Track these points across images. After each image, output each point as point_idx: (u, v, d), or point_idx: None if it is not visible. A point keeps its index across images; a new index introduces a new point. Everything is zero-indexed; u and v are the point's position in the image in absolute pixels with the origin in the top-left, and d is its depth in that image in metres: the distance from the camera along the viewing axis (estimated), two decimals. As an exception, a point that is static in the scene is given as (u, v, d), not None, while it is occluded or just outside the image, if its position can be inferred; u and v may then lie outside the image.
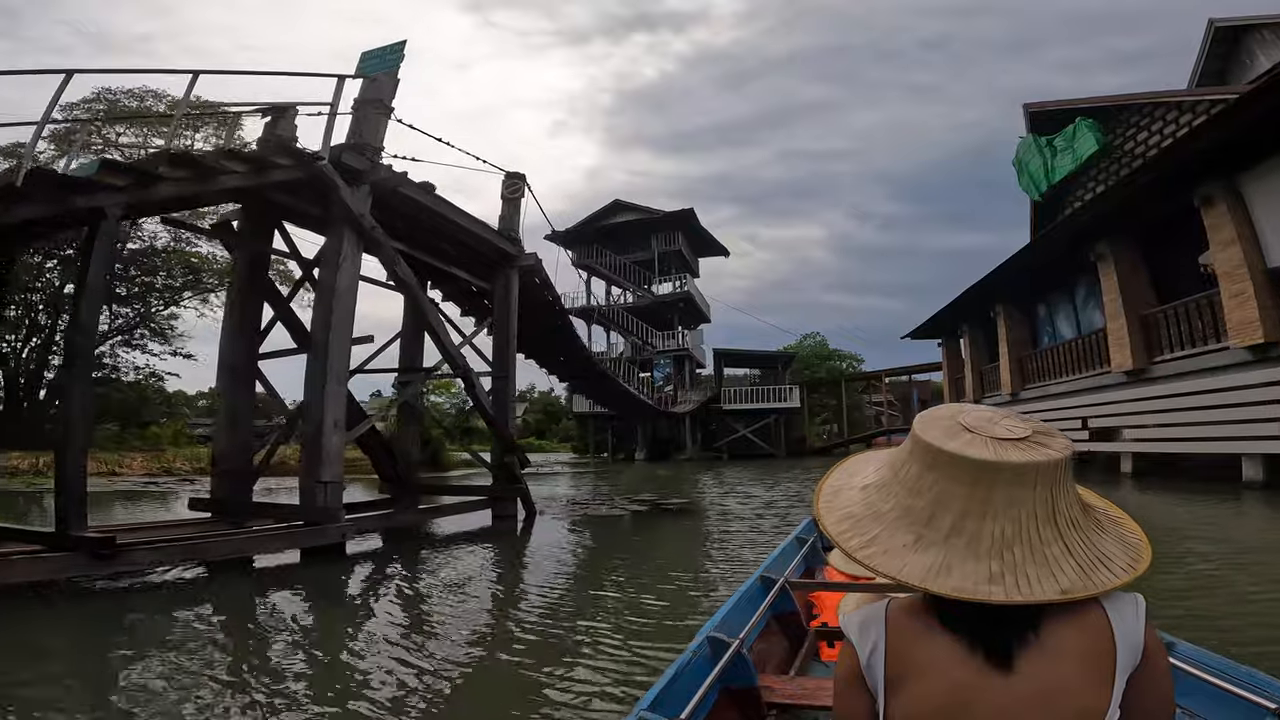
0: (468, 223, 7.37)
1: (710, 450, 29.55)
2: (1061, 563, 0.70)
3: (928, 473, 0.75)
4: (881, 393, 37.26)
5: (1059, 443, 0.74)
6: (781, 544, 2.91)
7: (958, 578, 0.70)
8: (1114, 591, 0.70)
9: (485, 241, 7.87)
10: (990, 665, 0.67)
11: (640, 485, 14.36)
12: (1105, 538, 0.75)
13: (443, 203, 6.79)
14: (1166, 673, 0.71)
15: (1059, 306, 14.27)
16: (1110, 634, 0.67)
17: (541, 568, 5.25)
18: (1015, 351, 15.01)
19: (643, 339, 31.59)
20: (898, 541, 0.75)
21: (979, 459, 0.71)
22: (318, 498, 4.98)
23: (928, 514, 0.74)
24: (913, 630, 0.73)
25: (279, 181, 5.31)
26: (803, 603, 2.36)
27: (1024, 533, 0.71)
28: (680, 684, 1.39)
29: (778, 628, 2.17)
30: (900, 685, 0.71)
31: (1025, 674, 0.66)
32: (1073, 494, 0.74)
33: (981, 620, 0.69)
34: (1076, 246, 11.99)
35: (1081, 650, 0.67)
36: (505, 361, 8.33)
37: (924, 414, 0.81)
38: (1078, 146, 15.93)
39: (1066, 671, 0.66)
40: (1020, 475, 0.70)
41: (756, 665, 1.66)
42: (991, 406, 0.82)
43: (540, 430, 60.73)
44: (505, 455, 8.10)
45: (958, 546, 0.72)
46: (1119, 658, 0.66)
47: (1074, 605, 0.69)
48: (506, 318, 8.38)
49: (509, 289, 8.43)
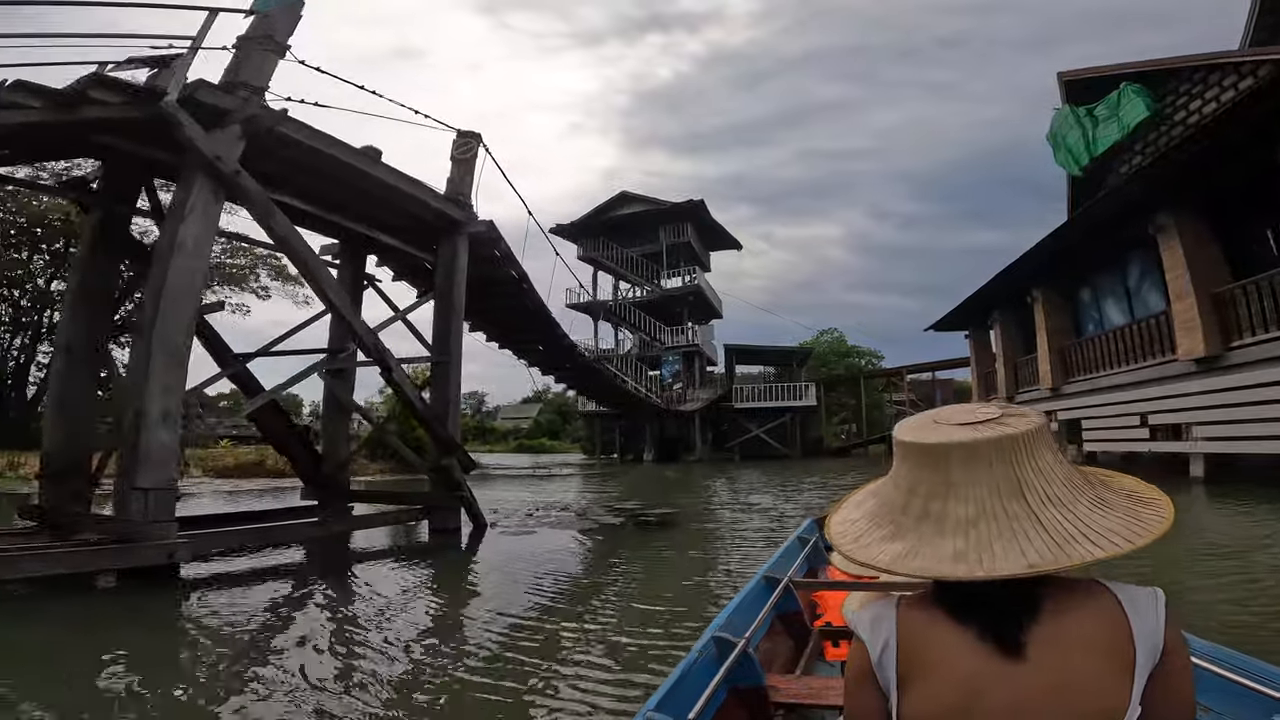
0: (386, 175, 6.11)
1: (721, 451, 28.09)
2: (1032, 538, 0.69)
3: (900, 466, 0.79)
4: (903, 391, 35.48)
5: (1022, 421, 0.75)
6: (784, 544, 2.85)
7: (923, 559, 0.72)
8: (1132, 587, 0.70)
9: (417, 201, 6.61)
10: (1001, 654, 0.67)
11: (635, 490, 13.03)
12: (1105, 514, 0.72)
13: (340, 145, 5.53)
14: (1188, 671, 0.70)
15: (1107, 289, 12.64)
16: (1127, 629, 0.66)
17: (459, 608, 4.01)
18: (1055, 341, 13.38)
19: (651, 335, 30.25)
20: (877, 534, 0.79)
21: (931, 442, 0.75)
22: (135, 507, 3.75)
23: (902, 504, 0.78)
24: (922, 626, 0.72)
25: (100, 120, 4.17)
26: (806, 602, 2.31)
27: (988, 510, 0.71)
28: (687, 684, 1.39)
29: (782, 627, 2.14)
30: (912, 682, 0.71)
31: (1038, 665, 0.66)
32: (1051, 470, 0.74)
33: (984, 606, 0.69)
34: (1129, 220, 10.44)
35: (1097, 644, 0.66)
36: (448, 343, 7.06)
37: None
38: (1124, 114, 14.28)
39: (1082, 666, 0.65)
40: (973, 453, 0.72)
41: (763, 665, 1.65)
42: (1001, 404, 0.81)
43: (554, 431, 59.81)
44: (443, 457, 6.82)
45: (926, 530, 0.74)
46: (1138, 654, 0.65)
47: (1082, 594, 0.69)
48: (450, 291, 7.12)
49: (454, 258, 7.17)
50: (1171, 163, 9.09)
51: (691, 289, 29.76)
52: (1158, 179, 9.36)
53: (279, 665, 2.78)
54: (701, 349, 30.01)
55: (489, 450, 53.42)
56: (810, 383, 28.33)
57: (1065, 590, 0.70)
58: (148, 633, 3.32)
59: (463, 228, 7.22)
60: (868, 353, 36.55)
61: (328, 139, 5.44)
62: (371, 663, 2.81)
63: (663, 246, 30.29)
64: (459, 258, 7.19)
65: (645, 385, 29.62)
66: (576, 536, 6.61)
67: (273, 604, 3.93)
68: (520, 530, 7.05)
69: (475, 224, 7.36)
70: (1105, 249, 12.01)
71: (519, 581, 4.53)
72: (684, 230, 30.32)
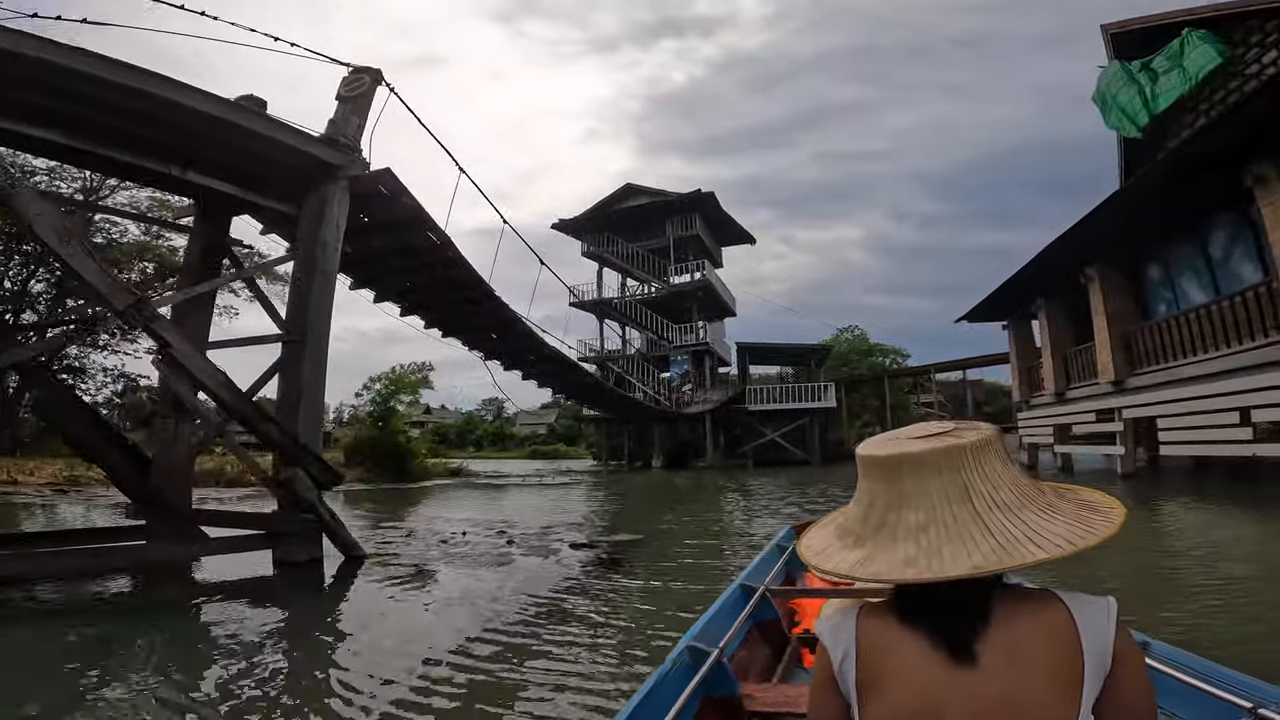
0: (211, 107, 4.57)
1: (734, 457, 26.21)
2: (979, 541, 0.71)
3: (861, 481, 0.82)
4: (931, 393, 33.23)
5: (973, 432, 0.77)
6: (762, 552, 2.81)
7: (878, 564, 0.74)
8: (1084, 596, 0.71)
9: (270, 142, 5.09)
10: (954, 663, 0.68)
11: (619, 506, 11.35)
12: (1053, 519, 0.74)
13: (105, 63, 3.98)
14: (1142, 676, 0.71)
15: (1183, 261, 10.64)
16: (1075, 638, 0.68)
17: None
18: (1118, 327, 11.36)
19: (658, 333, 28.54)
20: (839, 544, 0.81)
21: (884, 454, 0.78)
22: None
23: (862, 516, 0.80)
24: (881, 633, 0.74)
25: None
26: (784, 610, 2.29)
27: (938, 517, 0.73)
28: (660, 694, 1.38)
29: (759, 636, 2.13)
30: (871, 690, 0.72)
31: (990, 673, 0.67)
32: (999, 478, 0.75)
33: (936, 612, 0.72)
34: (1209, 174, 8.53)
35: (1046, 653, 0.67)
36: (305, 317, 5.43)
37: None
38: (1189, 63, 12.29)
39: (1032, 675, 0.67)
40: (921, 463, 0.75)
41: (738, 674, 1.65)
42: (960, 421, 0.85)
43: (570, 437, 58.29)
44: (284, 468, 5.18)
45: (882, 538, 0.76)
46: (1086, 663, 0.67)
47: (1033, 603, 0.71)
48: (313, 252, 5.53)
49: (321, 210, 5.59)
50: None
51: (700, 284, 27.97)
52: (1256, 117, 7.44)
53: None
54: (712, 348, 28.18)
55: (504, 456, 52.43)
56: (830, 383, 26.29)
57: (1017, 599, 0.72)
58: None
59: (337, 174, 5.64)
60: (892, 351, 34.41)
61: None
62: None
63: (670, 240, 28.59)
64: (329, 209, 5.62)
65: (654, 387, 27.93)
66: (480, 581, 4.89)
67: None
68: (415, 566, 5.37)
69: (355, 166, 5.76)
70: (1180, 215, 10.05)
71: (351, 663, 2.87)
72: (692, 222, 28.58)
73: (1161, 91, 12.79)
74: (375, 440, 17.57)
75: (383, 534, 7.24)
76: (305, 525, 5.06)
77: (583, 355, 29.14)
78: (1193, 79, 12.11)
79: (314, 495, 5.10)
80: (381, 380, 18.70)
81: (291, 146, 5.42)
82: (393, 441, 17.51)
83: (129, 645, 3.36)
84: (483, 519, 9.01)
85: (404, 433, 18.53)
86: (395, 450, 17.35)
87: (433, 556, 5.82)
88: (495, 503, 11.93)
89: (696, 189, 27.93)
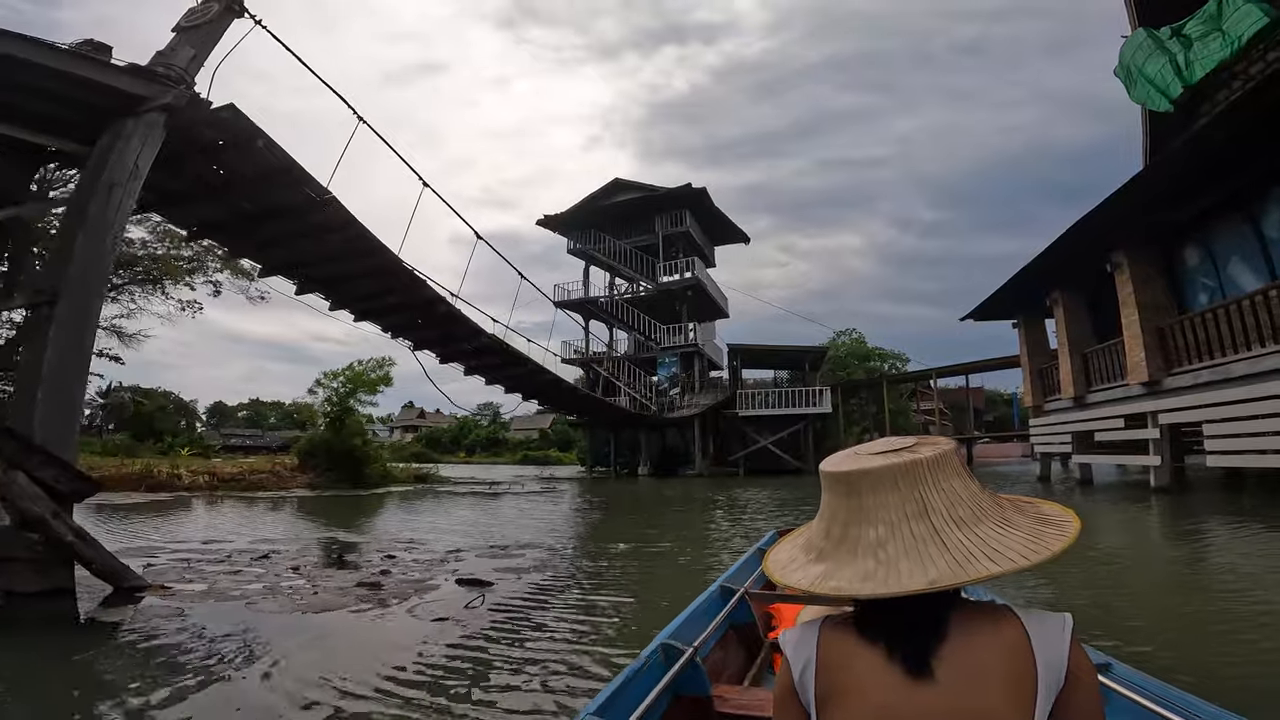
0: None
1: (724, 465, 24.76)
2: (935, 557, 0.71)
3: (825, 496, 0.82)
4: (932, 399, 31.81)
5: (930, 447, 0.77)
6: (743, 555, 2.81)
7: (837, 579, 0.74)
8: (1040, 612, 0.72)
9: (32, 67, 3.77)
10: (910, 677, 0.68)
11: (583, 522, 9.89)
12: (1009, 533, 0.74)
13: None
14: (1093, 693, 0.71)
15: (1230, 243, 9.28)
16: (1029, 653, 0.68)
17: None
18: (1151, 320, 9.98)
19: (646, 334, 27.12)
20: (803, 559, 0.81)
21: (843, 470, 0.78)
22: None
23: (825, 530, 0.80)
24: (841, 647, 0.74)
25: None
26: (761, 614, 2.25)
27: (897, 533, 0.74)
28: (630, 690, 1.38)
29: (735, 638, 2.10)
30: (830, 702, 0.72)
31: (945, 688, 0.67)
32: (957, 493, 0.76)
33: (892, 628, 0.71)
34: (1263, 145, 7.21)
35: (1000, 669, 0.67)
36: (60, 275, 4.00)
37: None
38: (1230, 26, 10.97)
39: (987, 690, 0.67)
40: (879, 479, 0.75)
41: (711, 675, 1.63)
42: (921, 436, 0.85)
43: (564, 443, 56.70)
44: (7, 469, 3.71)
45: (841, 553, 0.76)
46: (1040, 677, 0.67)
47: (988, 619, 0.71)
48: (89, 196, 4.15)
49: (110, 150, 4.25)
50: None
51: (690, 283, 26.55)
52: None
53: None
54: (702, 350, 26.76)
55: (495, 461, 50.78)
56: (826, 388, 24.84)
57: (973, 615, 0.72)
58: None
59: (142, 105, 4.27)
60: (891, 355, 32.89)
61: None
62: None
63: (659, 237, 27.22)
64: (121, 146, 4.23)
65: (641, 390, 26.49)
66: (286, 628, 3.48)
67: None
68: (219, 601, 3.94)
69: (174, 96, 4.39)
70: (1225, 187, 8.72)
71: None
72: (682, 219, 27.22)
73: (1197, 59, 11.46)
74: (330, 444, 16.09)
75: (268, 546, 5.80)
76: (31, 547, 3.61)
77: (566, 357, 27.76)
78: (1235, 42, 10.79)
79: (45, 509, 3.64)
80: (337, 377, 17.20)
81: (82, 78, 4.14)
82: (348, 445, 16.01)
83: None
84: (401, 535, 7.56)
85: (361, 435, 17.00)
86: (351, 455, 15.85)
87: (252, 592, 4.36)
88: (441, 514, 10.48)
89: (687, 183, 26.58)
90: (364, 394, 17.27)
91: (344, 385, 16.94)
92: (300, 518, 9.77)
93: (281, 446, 37.99)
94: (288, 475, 15.26)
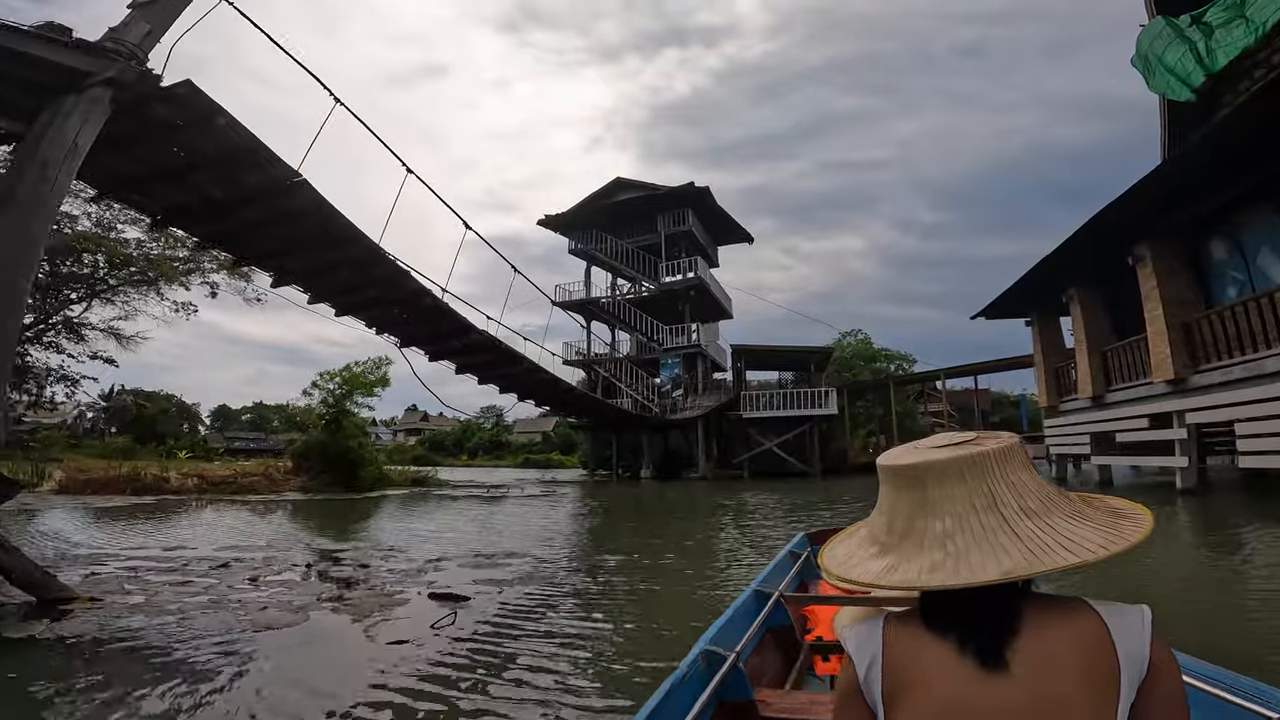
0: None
1: (728, 468, 24.26)
2: (1008, 547, 0.70)
3: (884, 490, 0.81)
4: (939, 401, 31.27)
5: (994, 440, 0.76)
6: (775, 558, 2.72)
7: (903, 572, 0.73)
8: (1118, 605, 0.70)
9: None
10: (984, 670, 0.67)
11: (578, 529, 9.46)
12: (1081, 525, 0.73)
13: None
14: (1178, 684, 0.69)
15: (1258, 236, 8.82)
16: (1110, 644, 0.66)
17: None
18: (1174, 314, 9.50)
19: (648, 335, 26.68)
20: (864, 553, 0.80)
21: (908, 463, 0.77)
22: None
23: (886, 525, 0.79)
24: (908, 642, 0.72)
25: None
26: (797, 616, 2.21)
27: (965, 524, 0.72)
28: (675, 698, 1.35)
29: (772, 642, 2.07)
30: (898, 699, 0.70)
31: (1020, 682, 0.65)
32: (1025, 485, 0.74)
33: (963, 620, 0.70)
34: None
35: (1079, 660, 0.66)
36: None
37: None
38: (1254, 12, 10.52)
39: (1065, 682, 0.65)
40: (945, 471, 0.74)
41: (752, 680, 1.60)
42: (980, 431, 0.81)
43: (568, 446, 56.23)
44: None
45: (907, 546, 0.75)
46: (1123, 671, 0.65)
47: (1064, 612, 0.69)
48: (18, 175, 3.79)
49: (52, 124, 3.87)
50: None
51: (693, 283, 26.11)
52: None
53: None
54: (705, 350, 26.30)
55: (498, 464, 50.30)
56: (831, 389, 24.33)
57: (1046, 607, 0.70)
58: None
59: (86, 81, 3.91)
60: (898, 356, 32.41)
61: None
62: None
63: (661, 236, 26.80)
64: (61, 125, 3.93)
65: (643, 392, 26.04)
66: (212, 650, 3.06)
67: None
68: (150, 617, 3.54)
69: (114, 71, 4.00)
70: (1253, 176, 8.24)
71: None
72: (684, 218, 26.80)
73: (1219, 46, 11.00)
74: (325, 446, 15.68)
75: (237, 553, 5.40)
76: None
77: (567, 359, 27.36)
78: (1260, 29, 10.34)
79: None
80: (334, 378, 16.81)
81: (21, 53, 3.83)
82: (343, 448, 15.61)
83: None
84: (384, 541, 7.14)
85: (358, 438, 16.59)
86: (345, 458, 15.43)
87: (192, 606, 3.94)
88: (431, 519, 10.05)
89: (689, 182, 26.18)
90: (361, 395, 16.92)
91: (340, 387, 16.57)
92: (283, 522, 9.36)
93: (284, 449, 37.82)
94: (281, 478, 14.86)
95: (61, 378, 22.85)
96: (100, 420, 47.49)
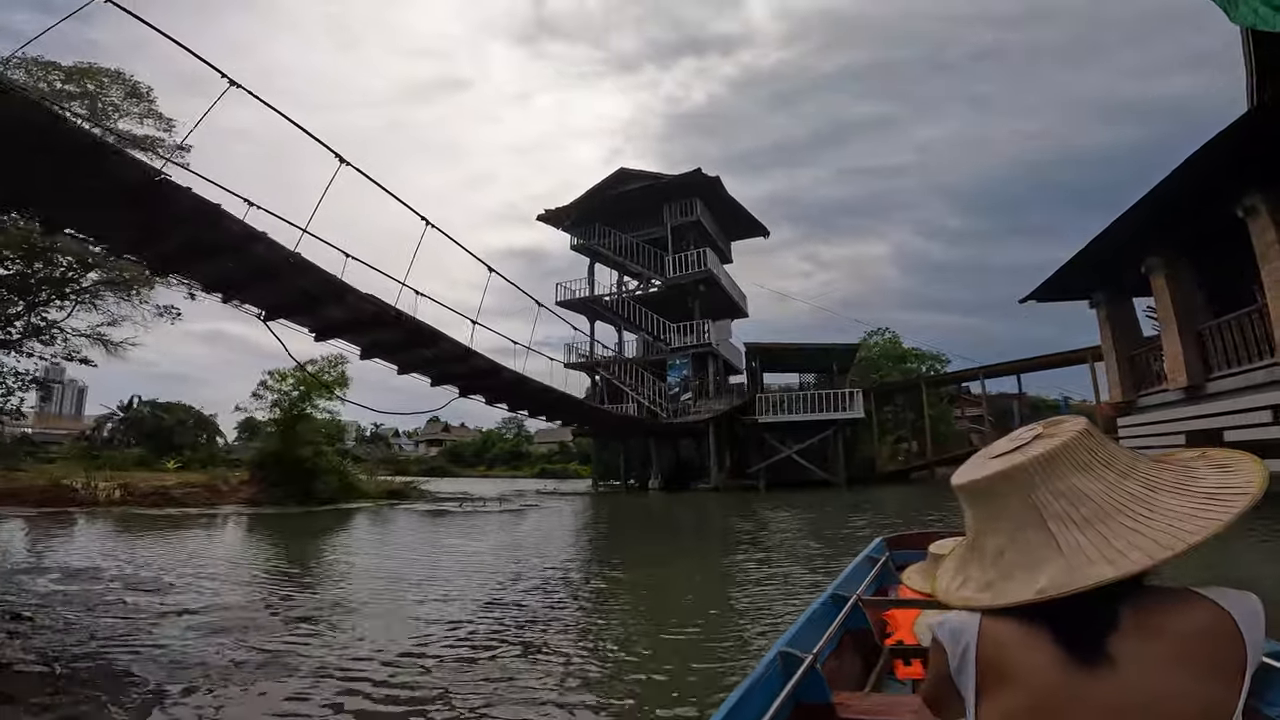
0: None
1: (743, 477, 22.09)
2: (1047, 563, 0.68)
3: (965, 510, 0.81)
4: (979, 405, 28.63)
5: (1044, 443, 0.73)
6: (851, 563, 2.69)
7: (969, 589, 0.75)
8: (1233, 592, 0.66)
9: None
10: (1083, 666, 0.65)
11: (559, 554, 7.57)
12: (1144, 525, 0.67)
13: None
14: None
15: None
16: (1239, 635, 0.64)
17: None
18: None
19: (655, 334, 24.72)
20: (954, 572, 0.80)
21: (960, 483, 0.78)
22: None
23: (969, 543, 0.80)
24: (1003, 635, 0.71)
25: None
26: (875, 620, 2.16)
27: (1014, 540, 0.72)
28: (752, 700, 1.35)
29: (851, 645, 2.02)
30: (990, 692, 0.70)
31: (1125, 677, 0.63)
32: (1078, 491, 0.71)
33: (1064, 614, 0.68)
34: None
35: (1200, 653, 0.63)
36: None
37: None
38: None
39: (1177, 676, 0.62)
40: (989, 490, 0.74)
41: (830, 682, 1.58)
42: (1045, 420, 0.78)
43: (586, 455, 54.73)
44: None
45: (973, 562, 0.77)
46: (1249, 657, 0.63)
47: (1170, 600, 0.67)
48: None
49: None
50: None
51: (702, 276, 24.08)
52: None
53: None
54: (716, 349, 24.21)
55: (515, 475, 48.72)
56: (857, 391, 22.04)
57: (1158, 601, 0.67)
58: None
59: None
60: (930, 356, 29.91)
61: None
62: None
63: (668, 228, 24.89)
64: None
65: (650, 395, 24.02)
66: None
67: None
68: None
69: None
70: None
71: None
72: (692, 207, 24.87)
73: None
74: (279, 455, 14.03)
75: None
76: None
77: (569, 362, 25.54)
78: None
79: None
80: (286, 379, 15.16)
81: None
82: (295, 456, 13.91)
83: None
84: (265, 580, 5.28)
85: (314, 444, 14.85)
86: (300, 467, 13.73)
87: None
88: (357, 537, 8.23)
89: (697, 168, 24.23)
90: (320, 397, 15.23)
91: (294, 388, 14.92)
92: (154, 543, 7.65)
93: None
94: (229, 489, 13.24)
95: (33, 381, 21.66)
96: (119, 432, 47.32)
